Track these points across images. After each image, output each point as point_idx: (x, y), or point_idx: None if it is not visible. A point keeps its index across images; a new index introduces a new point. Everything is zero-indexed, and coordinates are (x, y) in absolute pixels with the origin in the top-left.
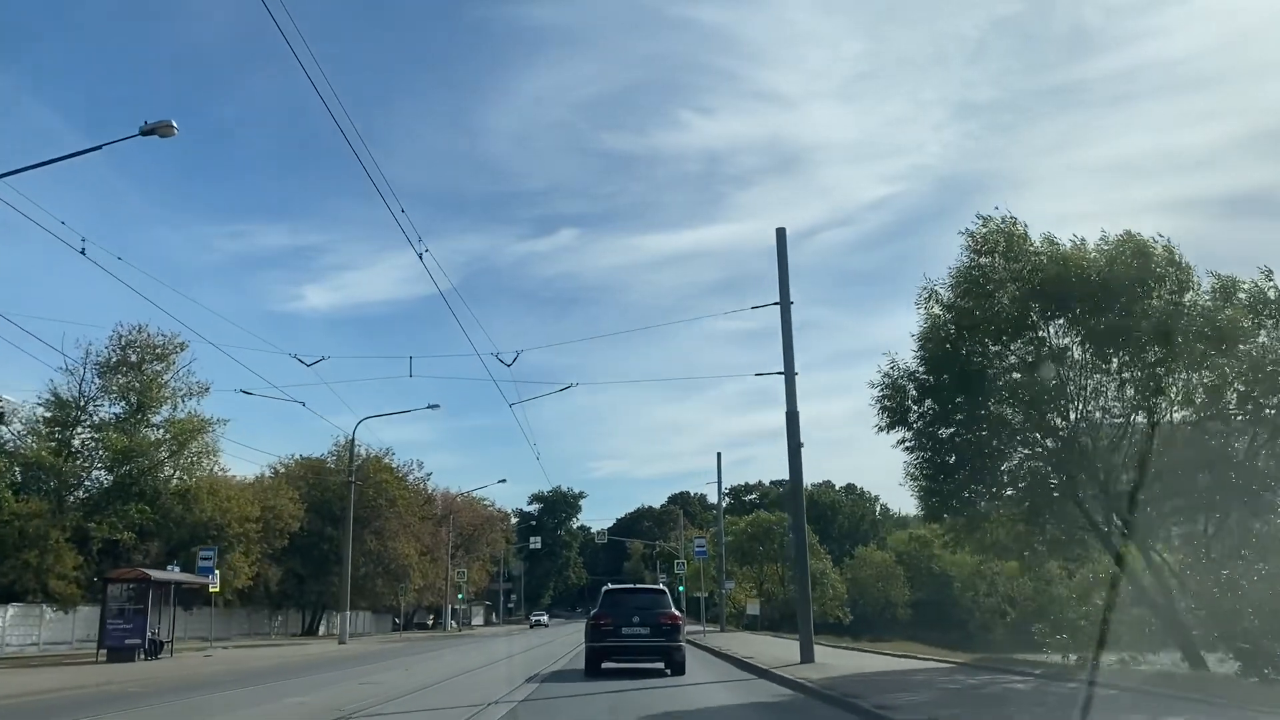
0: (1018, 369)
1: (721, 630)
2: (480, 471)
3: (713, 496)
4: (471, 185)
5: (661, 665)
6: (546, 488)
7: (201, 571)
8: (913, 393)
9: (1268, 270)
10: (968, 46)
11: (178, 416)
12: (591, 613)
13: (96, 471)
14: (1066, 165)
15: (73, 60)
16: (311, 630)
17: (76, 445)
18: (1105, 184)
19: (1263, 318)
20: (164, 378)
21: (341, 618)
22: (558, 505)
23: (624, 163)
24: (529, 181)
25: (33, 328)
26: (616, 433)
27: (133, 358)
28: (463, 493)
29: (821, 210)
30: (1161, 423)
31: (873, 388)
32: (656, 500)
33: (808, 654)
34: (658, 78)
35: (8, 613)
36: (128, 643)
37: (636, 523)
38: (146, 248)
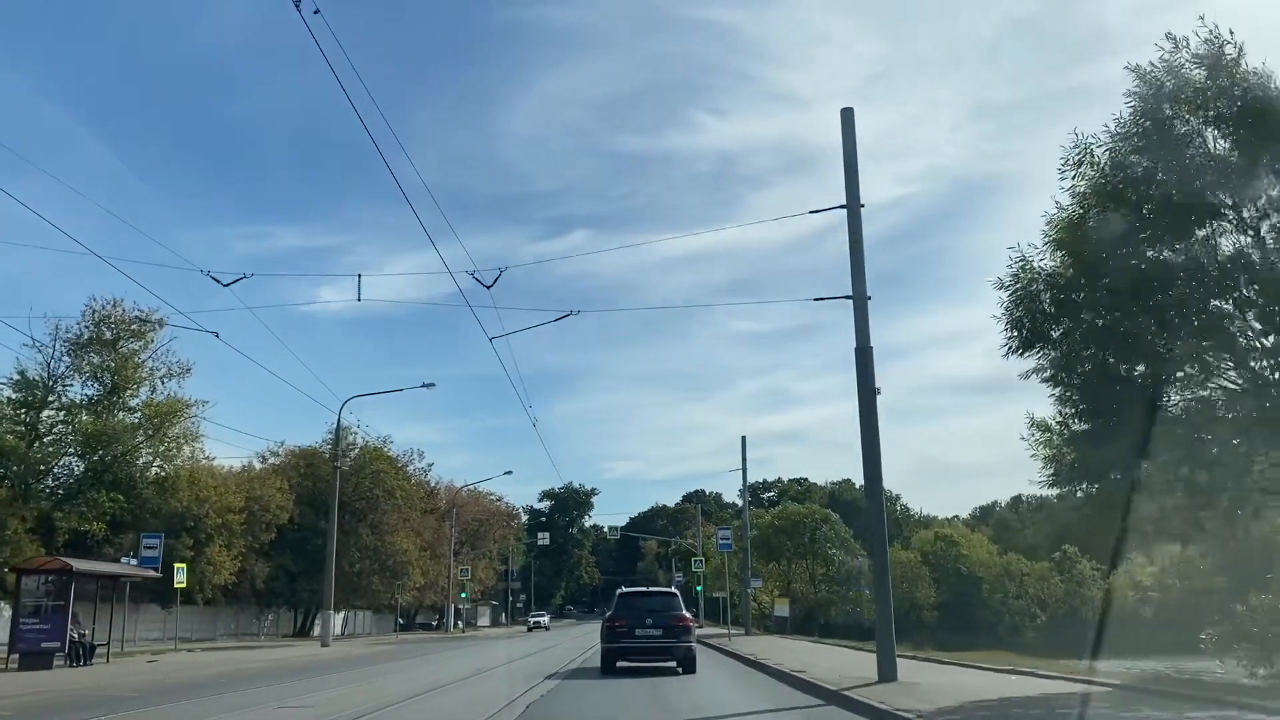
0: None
1: (747, 634)
2: (493, 471)
3: (728, 494)
4: (484, 186)
5: (674, 664)
6: (558, 484)
7: (145, 563)
8: (1047, 304)
9: None
10: (984, 47)
11: (156, 399)
12: (606, 614)
13: (67, 458)
14: None
15: (88, 61)
16: (304, 631)
17: (44, 429)
18: None
19: None
20: (141, 357)
21: (323, 618)
22: (569, 502)
23: (637, 163)
24: (543, 182)
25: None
26: (630, 434)
27: (107, 335)
28: (467, 484)
29: (836, 211)
30: None
31: (1001, 288)
32: (671, 500)
33: (888, 669)
34: (671, 78)
35: None
36: (43, 646)
37: (650, 521)
38: (163, 249)
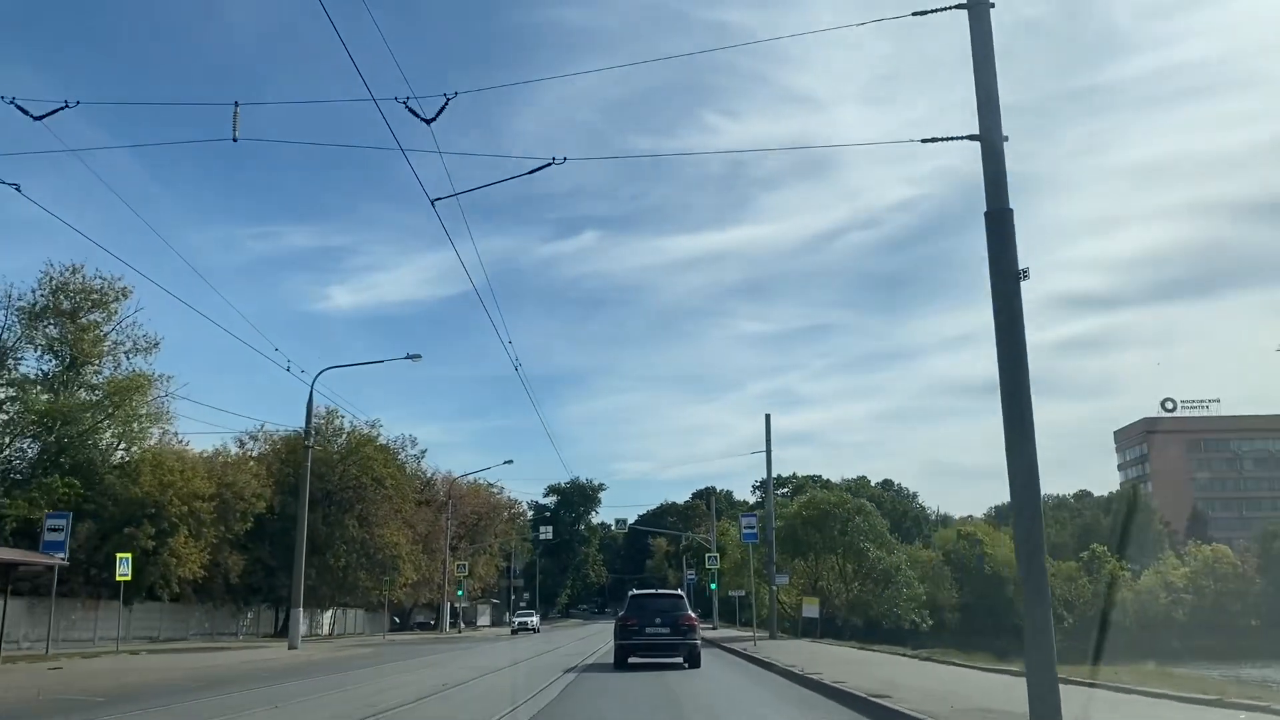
0: None
1: (772, 637)
2: (501, 472)
3: (739, 492)
4: (497, 186)
5: (681, 660)
6: (564, 479)
7: (48, 548)
8: None
9: None
10: (994, 48)
11: (120, 375)
12: (619, 614)
13: (19, 439)
14: (1094, 168)
15: (104, 63)
16: (286, 630)
17: None
18: (1133, 187)
19: None
20: (103, 329)
21: (292, 617)
22: (575, 498)
23: (649, 164)
24: (554, 183)
25: None
26: (639, 435)
27: (65, 304)
28: (467, 474)
29: (846, 212)
30: None
31: None
32: (681, 498)
33: (1048, 708)
34: (683, 80)
35: None
36: None
37: (660, 519)
38: (176, 248)
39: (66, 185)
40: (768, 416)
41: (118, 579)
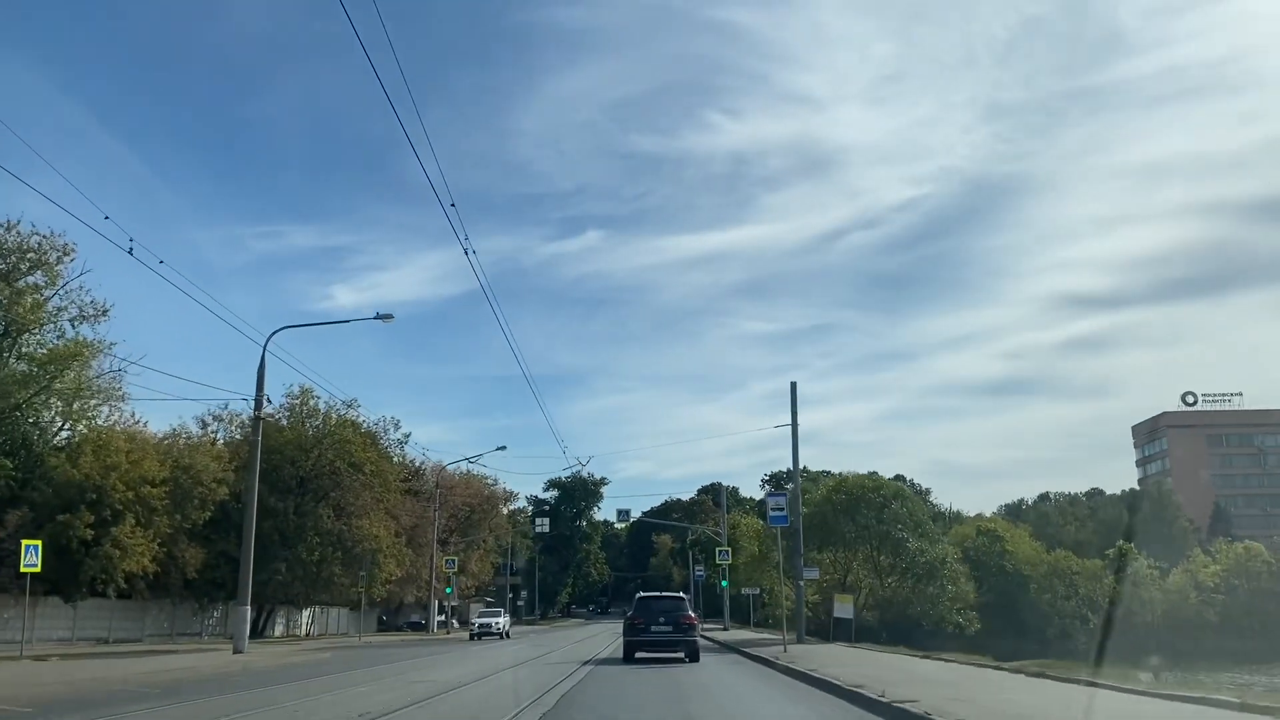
0: None
1: (800, 641)
2: (501, 470)
3: (746, 488)
4: (500, 186)
5: (682, 655)
6: (565, 472)
7: None
8: None
9: None
10: (997, 47)
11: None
12: (628, 614)
13: None
14: (1096, 168)
15: (105, 59)
16: (256, 631)
17: None
18: (1136, 186)
19: None
20: (44, 293)
21: (236, 616)
22: (577, 492)
23: (652, 164)
24: (557, 182)
25: None
26: (641, 434)
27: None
28: (456, 460)
29: (849, 212)
30: None
31: None
32: (683, 497)
33: None
34: (686, 79)
35: None
36: None
37: (664, 516)
38: (179, 247)
39: None
40: (793, 384)
41: (23, 569)
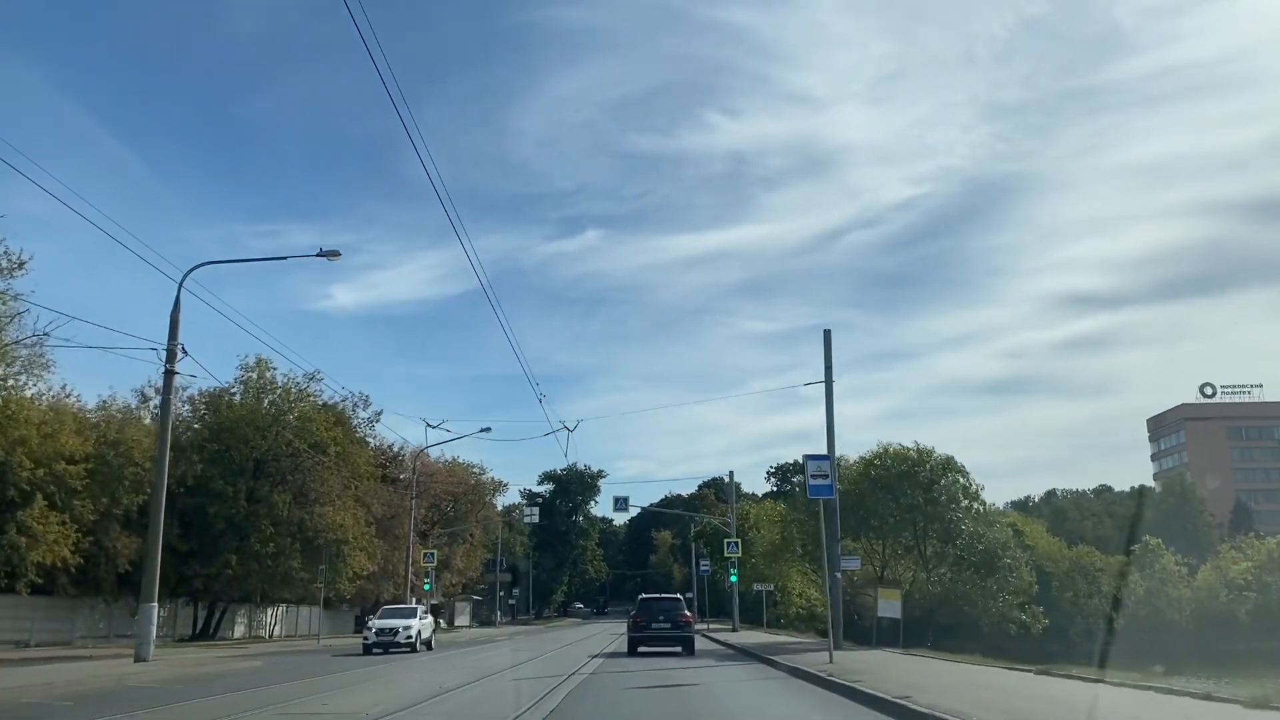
0: None
1: (837, 647)
2: (503, 470)
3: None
4: (498, 186)
5: (679, 649)
6: (561, 465)
7: None
8: None
9: None
10: (997, 47)
11: None
12: (631, 613)
13: None
14: (1096, 167)
15: (105, 58)
16: (206, 632)
17: None
18: (1135, 186)
19: None
20: None
21: (141, 615)
22: (573, 486)
23: (651, 163)
24: (556, 182)
25: None
26: (640, 433)
27: None
28: (437, 443)
29: (848, 212)
30: None
31: None
32: (686, 491)
33: None
34: (685, 79)
35: None
36: None
37: (663, 511)
38: (178, 245)
39: None
40: (827, 333)
41: None
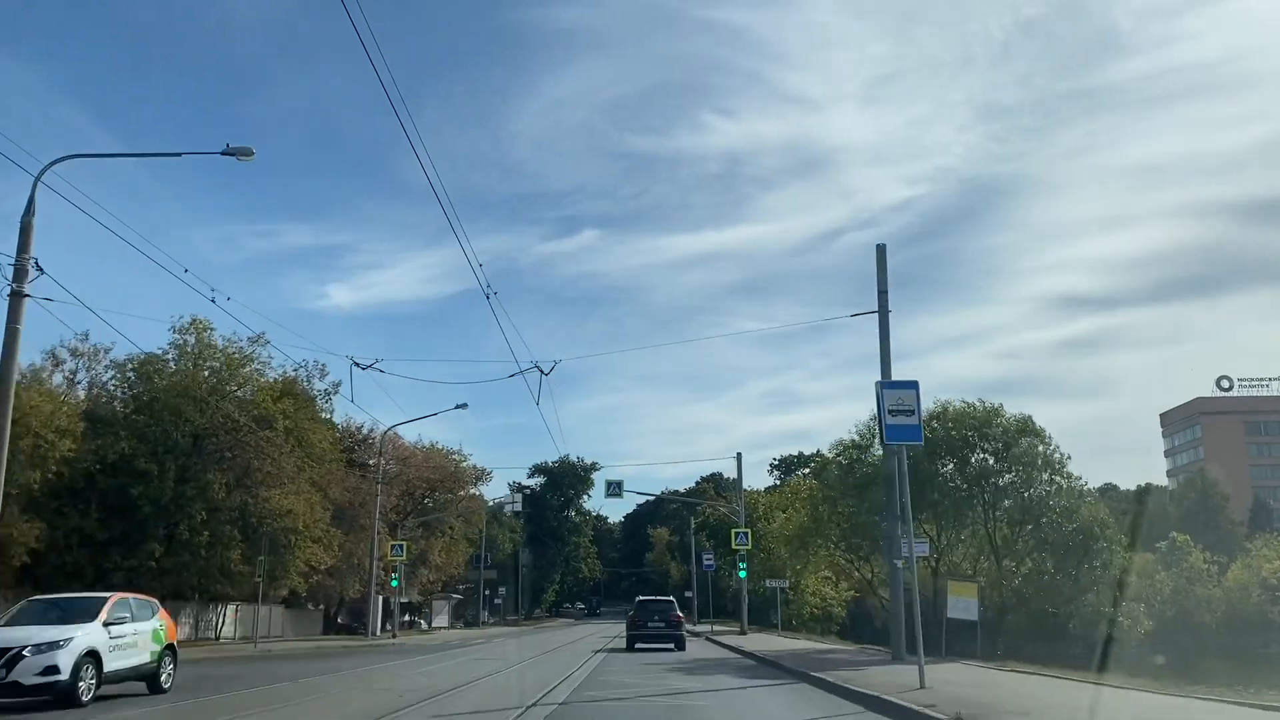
0: None
1: (899, 658)
2: (498, 466)
3: (750, 479)
4: (495, 186)
5: (671, 646)
6: (553, 457)
7: None
8: None
9: None
10: (993, 48)
11: None
12: (629, 613)
13: None
14: (1092, 168)
15: (103, 59)
16: None
17: None
18: (1131, 188)
19: None
20: None
21: None
22: (565, 479)
23: (647, 164)
24: (552, 182)
25: None
26: (636, 433)
27: None
28: (405, 421)
29: (844, 212)
30: None
31: None
32: (683, 486)
33: None
34: (681, 79)
35: None
36: None
37: (660, 507)
38: (175, 245)
39: None
40: (880, 248)
41: None
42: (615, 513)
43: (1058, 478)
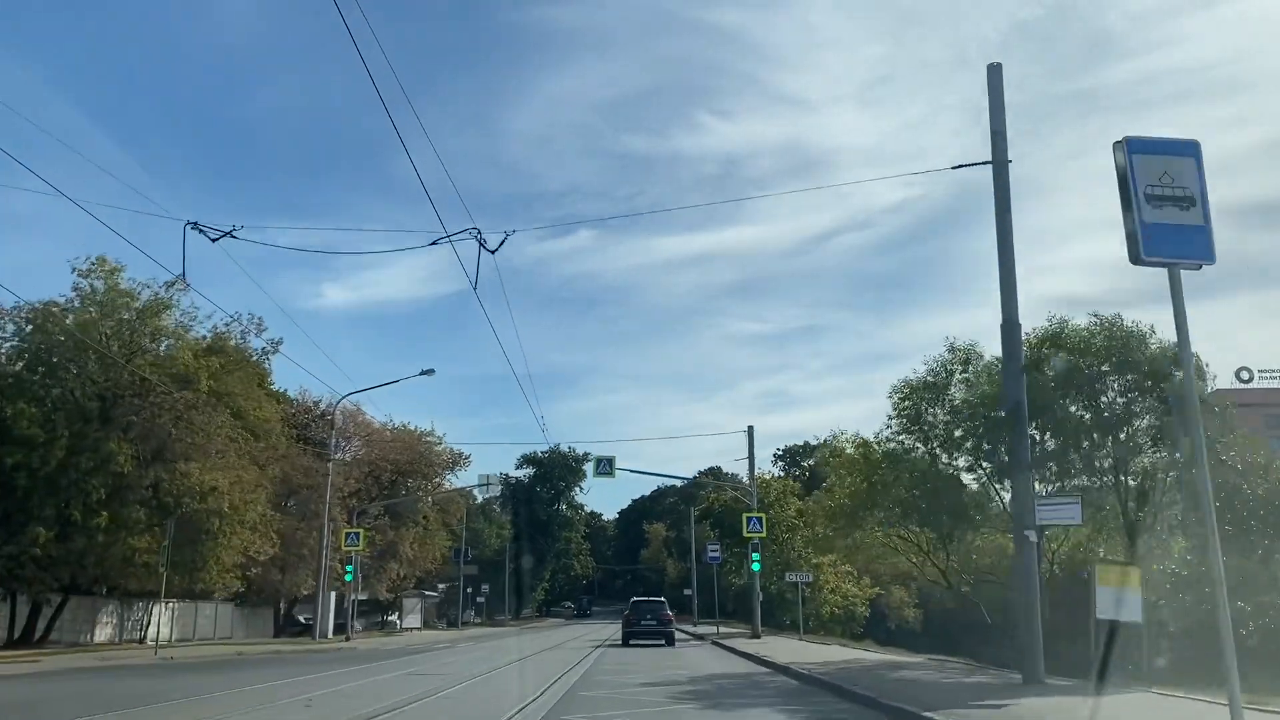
0: None
1: (1039, 684)
2: (490, 464)
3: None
4: (490, 185)
5: (662, 642)
6: (543, 446)
7: None
8: None
9: None
10: (989, 50)
11: None
12: (624, 613)
13: None
14: (1087, 171)
15: (97, 58)
16: (27, 638)
17: None
18: None
19: None
20: None
21: None
22: (555, 470)
23: (643, 164)
24: (548, 182)
25: None
26: (632, 434)
27: None
28: (361, 389)
29: (839, 214)
30: None
31: None
32: (672, 498)
33: None
34: (677, 80)
35: None
36: None
37: (657, 502)
38: (170, 244)
39: None
40: (994, 68)
41: None
42: (609, 508)
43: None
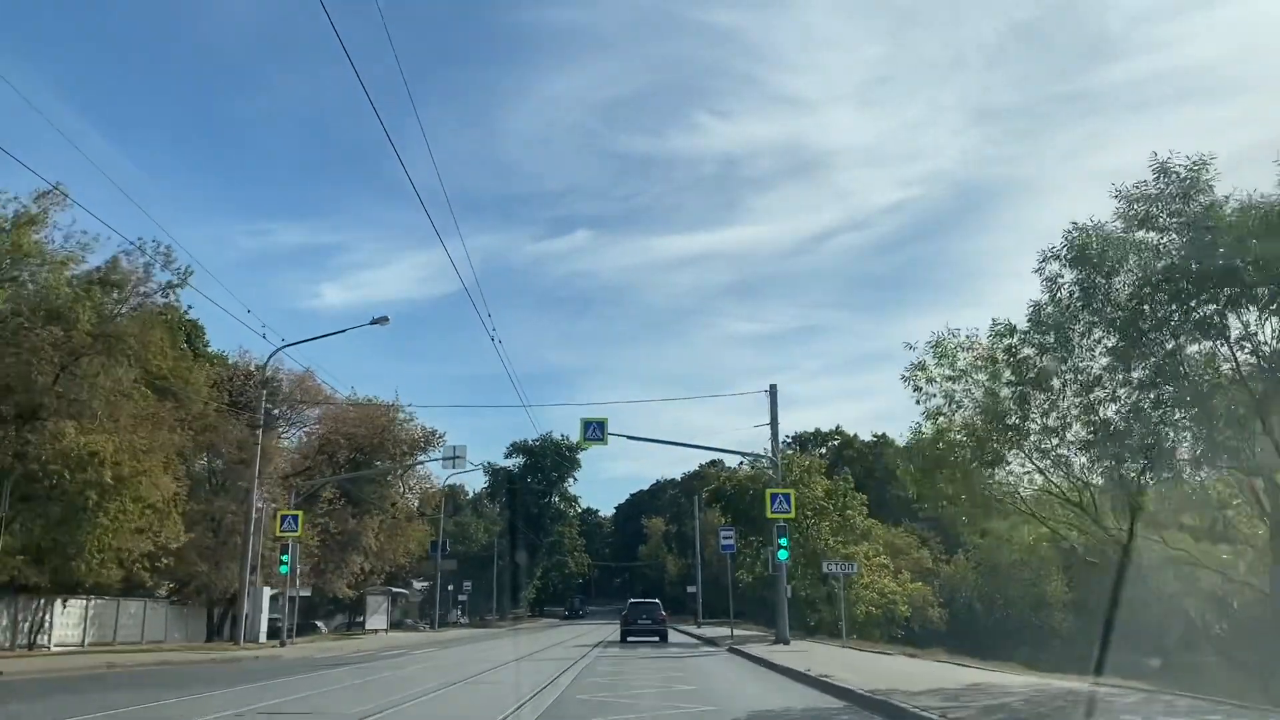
0: None
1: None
2: (484, 461)
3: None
4: (488, 185)
5: (657, 639)
6: (533, 435)
7: None
8: None
9: None
10: (987, 51)
11: None
12: (621, 613)
13: None
14: (1085, 171)
15: (95, 58)
16: None
17: None
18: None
19: None
20: None
21: None
22: (547, 460)
23: (640, 164)
24: (545, 182)
25: None
26: (632, 434)
27: None
28: (299, 340)
29: (837, 214)
30: None
31: None
32: (669, 494)
33: None
34: (675, 80)
35: None
36: None
37: (655, 497)
38: (168, 244)
39: None
40: None
41: None
42: (606, 504)
43: None
